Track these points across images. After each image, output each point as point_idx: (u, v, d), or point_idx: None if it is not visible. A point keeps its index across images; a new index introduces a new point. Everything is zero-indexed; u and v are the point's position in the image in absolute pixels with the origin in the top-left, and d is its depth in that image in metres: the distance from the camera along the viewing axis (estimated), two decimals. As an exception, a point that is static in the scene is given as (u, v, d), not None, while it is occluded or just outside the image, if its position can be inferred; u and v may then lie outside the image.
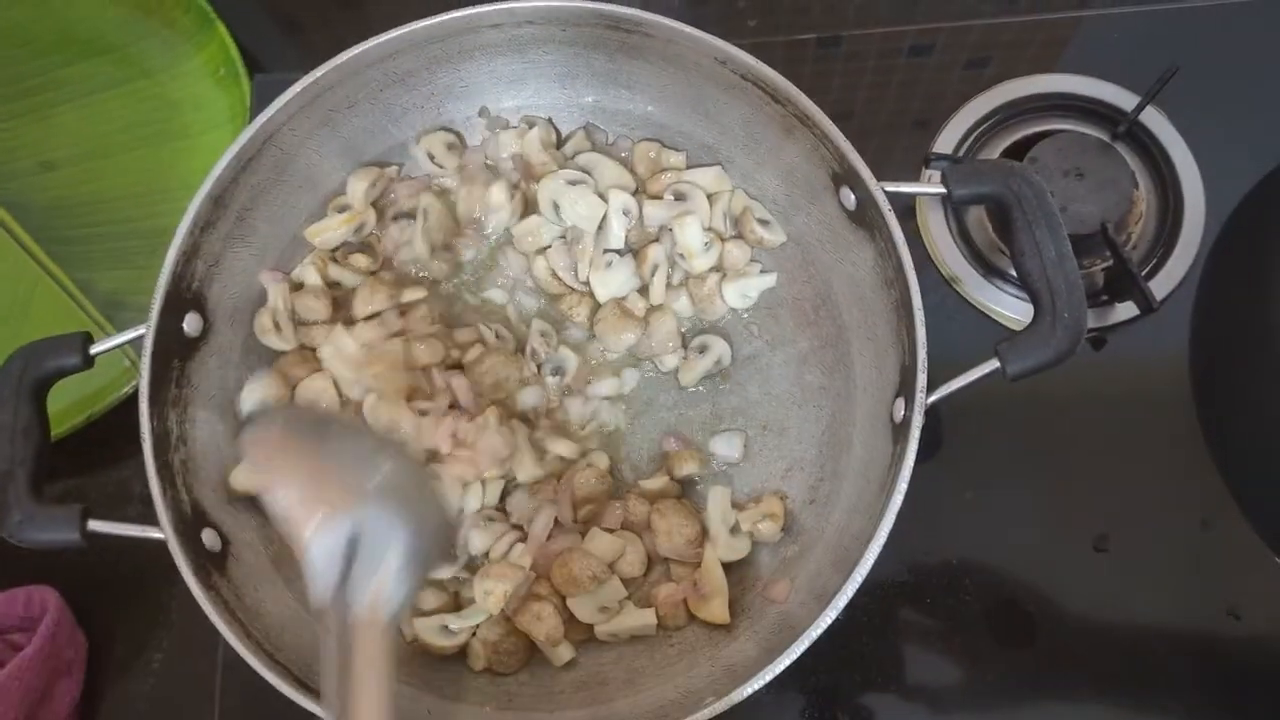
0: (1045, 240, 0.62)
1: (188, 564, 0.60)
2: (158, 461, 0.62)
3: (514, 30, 0.73)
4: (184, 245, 0.66)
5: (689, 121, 0.77)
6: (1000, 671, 0.74)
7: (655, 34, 0.70)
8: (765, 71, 0.67)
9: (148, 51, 0.93)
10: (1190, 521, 0.76)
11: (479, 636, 0.68)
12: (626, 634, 0.69)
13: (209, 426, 0.69)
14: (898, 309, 0.66)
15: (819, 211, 0.73)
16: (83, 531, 0.60)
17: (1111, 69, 0.86)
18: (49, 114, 0.92)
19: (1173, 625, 0.74)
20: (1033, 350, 0.61)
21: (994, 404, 0.78)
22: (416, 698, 0.65)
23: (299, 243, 0.75)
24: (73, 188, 0.90)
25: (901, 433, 0.62)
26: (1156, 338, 0.81)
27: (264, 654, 0.59)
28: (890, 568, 0.75)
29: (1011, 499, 0.78)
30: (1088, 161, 0.80)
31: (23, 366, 0.63)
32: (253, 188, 0.70)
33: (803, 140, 0.70)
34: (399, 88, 0.74)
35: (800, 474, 0.73)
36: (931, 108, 0.88)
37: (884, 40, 0.91)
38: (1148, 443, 0.79)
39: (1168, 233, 0.82)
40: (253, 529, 0.69)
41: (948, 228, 0.84)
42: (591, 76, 0.77)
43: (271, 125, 0.68)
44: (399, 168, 0.79)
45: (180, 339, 0.67)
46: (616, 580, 0.69)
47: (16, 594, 0.75)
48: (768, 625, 0.67)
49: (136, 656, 0.77)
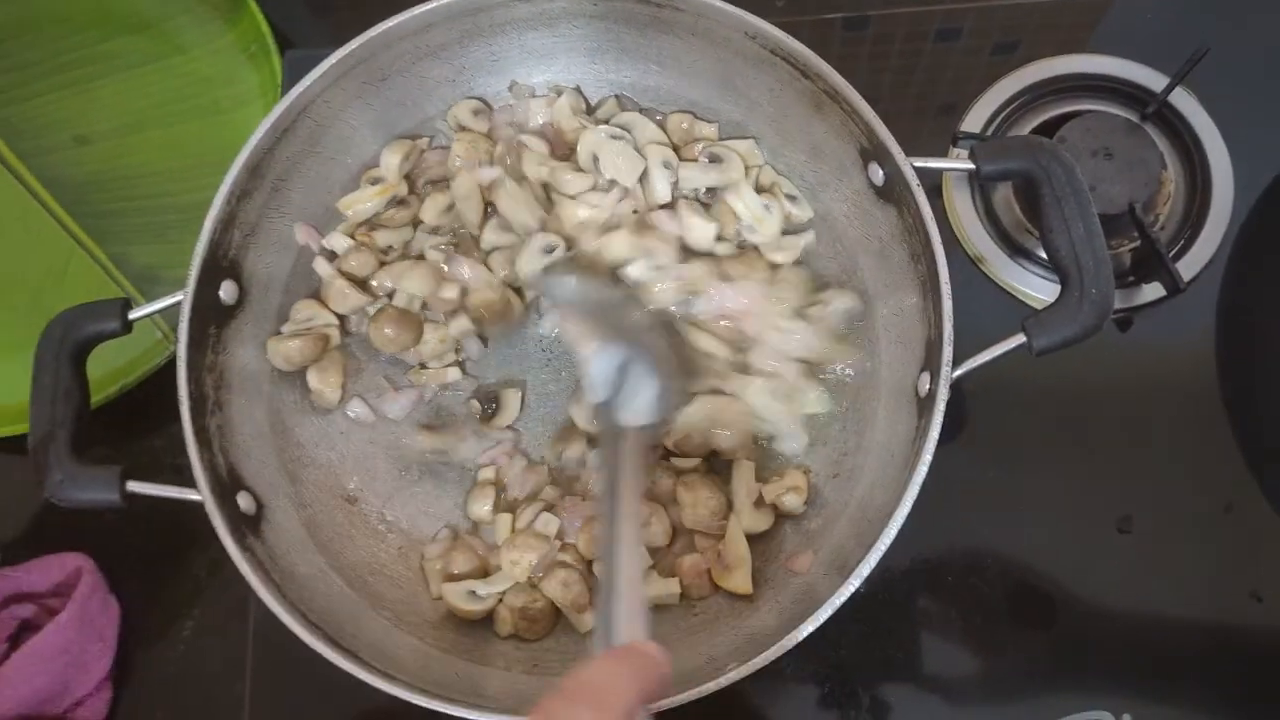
0: (1074, 216, 0.62)
1: (225, 525, 0.61)
2: (195, 425, 0.63)
3: (545, 4, 0.73)
4: (221, 214, 0.67)
5: (717, 97, 0.77)
6: (1020, 652, 0.74)
7: (685, 8, 0.71)
8: (795, 46, 0.68)
9: (182, 28, 0.94)
10: (1214, 504, 0.76)
11: (505, 603, 0.69)
12: (651, 603, 0.69)
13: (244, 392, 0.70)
14: (924, 284, 0.66)
15: (846, 187, 0.73)
16: (122, 492, 0.61)
17: (1141, 50, 0.86)
18: (85, 89, 0.93)
19: (1195, 608, 0.74)
20: (1059, 325, 0.61)
21: (1019, 385, 0.78)
22: (445, 660, 0.66)
23: (331, 213, 0.76)
24: (107, 162, 0.91)
25: (926, 406, 0.63)
26: (1183, 319, 0.81)
27: (298, 613, 0.60)
28: (912, 546, 0.75)
29: (1035, 480, 0.78)
30: (1116, 142, 0.80)
31: (63, 331, 0.64)
32: (288, 158, 0.71)
33: (831, 116, 0.70)
34: (431, 60, 0.75)
35: (824, 448, 0.73)
36: (959, 90, 0.88)
37: (911, 22, 0.91)
38: (1172, 424, 0.79)
39: (1196, 214, 0.82)
40: (286, 494, 0.70)
41: (974, 207, 0.84)
42: (620, 51, 0.77)
43: (306, 97, 0.69)
44: (429, 139, 0.79)
45: (217, 306, 0.68)
46: (642, 549, 0.69)
47: (51, 561, 0.77)
48: (790, 596, 0.67)
49: (168, 624, 0.78)
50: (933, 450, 0.60)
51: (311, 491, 0.72)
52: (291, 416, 0.74)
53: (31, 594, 0.76)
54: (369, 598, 0.69)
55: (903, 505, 0.60)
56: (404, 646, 0.67)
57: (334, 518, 0.72)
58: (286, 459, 0.72)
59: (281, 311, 0.74)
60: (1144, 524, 0.76)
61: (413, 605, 0.70)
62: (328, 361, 0.74)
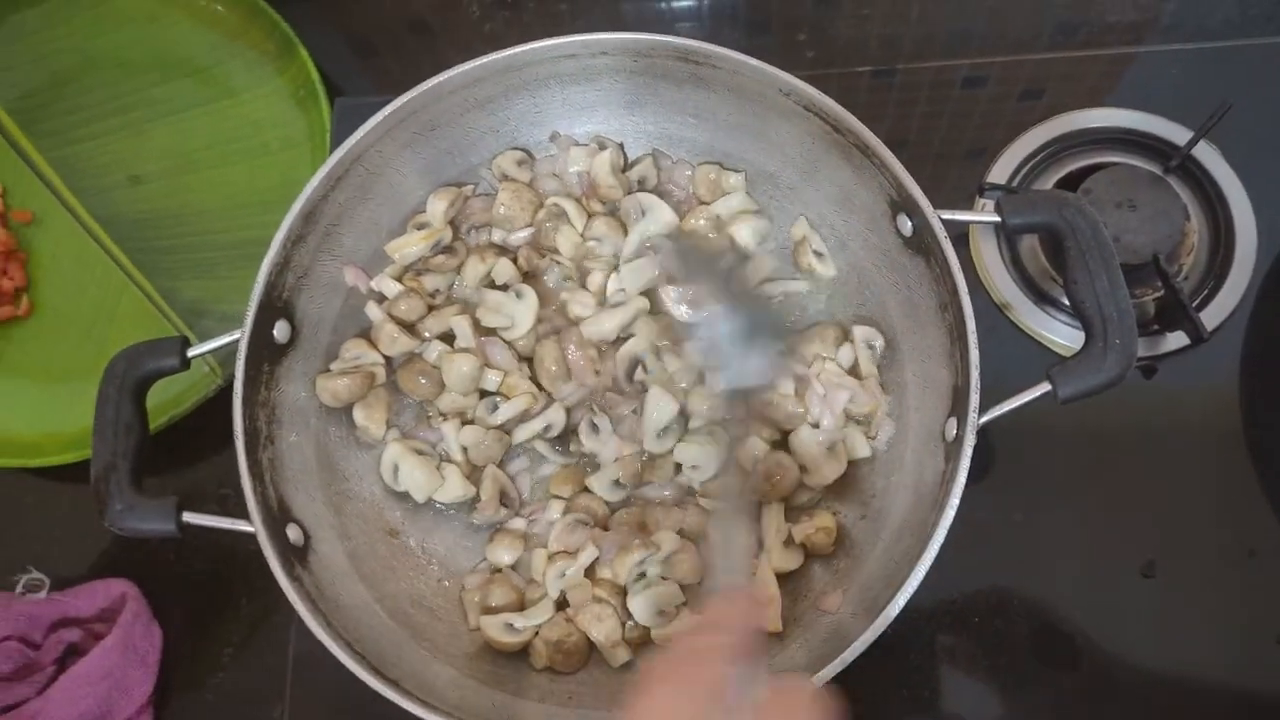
0: (1098, 269, 0.64)
1: (276, 556, 0.63)
2: (249, 459, 0.65)
3: (588, 60, 0.76)
4: (277, 258, 0.69)
5: (751, 149, 0.80)
6: (1045, 695, 0.75)
7: (722, 65, 0.73)
8: (828, 103, 0.70)
9: (233, 73, 0.98)
10: (1238, 550, 0.77)
11: (541, 636, 0.71)
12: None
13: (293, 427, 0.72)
14: (951, 331, 0.68)
15: (875, 237, 0.75)
16: (178, 522, 0.64)
17: (1164, 104, 0.88)
18: (140, 130, 0.97)
19: (1219, 653, 0.75)
20: (1084, 375, 0.63)
21: (1045, 430, 0.79)
22: (482, 691, 0.68)
23: (379, 256, 0.79)
24: (159, 201, 0.94)
25: (953, 451, 0.64)
26: (1207, 368, 0.82)
27: (344, 643, 0.62)
28: (938, 586, 0.75)
29: (1060, 524, 0.79)
30: (1140, 194, 0.82)
31: (125, 367, 0.67)
32: (340, 205, 0.74)
33: (862, 168, 0.72)
34: (478, 112, 0.78)
35: (853, 490, 0.75)
36: (985, 138, 0.90)
37: (938, 73, 0.93)
38: (1196, 471, 0.80)
39: (1219, 265, 0.84)
40: (331, 526, 0.72)
41: (1000, 255, 0.85)
42: (659, 105, 0.80)
43: (360, 146, 0.72)
44: (474, 187, 0.82)
45: (271, 345, 0.71)
46: (675, 585, 0.71)
47: (97, 586, 0.79)
48: (819, 634, 0.68)
49: (209, 651, 0.80)
50: (960, 494, 0.62)
51: (355, 524, 0.74)
52: (337, 451, 0.76)
53: (78, 619, 0.78)
54: (409, 628, 0.70)
55: (930, 547, 0.61)
56: (443, 677, 0.68)
57: (376, 550, 0.74)
58: (332, 492, 0.74)
59: (330, 350, 0.77)
60: (1168, 569, 0.77)
61: (452, 637, 0.72)
62: (373, 398, 0.76)
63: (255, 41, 0.98)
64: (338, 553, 0.71)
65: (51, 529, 0.85)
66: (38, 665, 0.76)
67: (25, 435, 0.86)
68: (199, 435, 0.83)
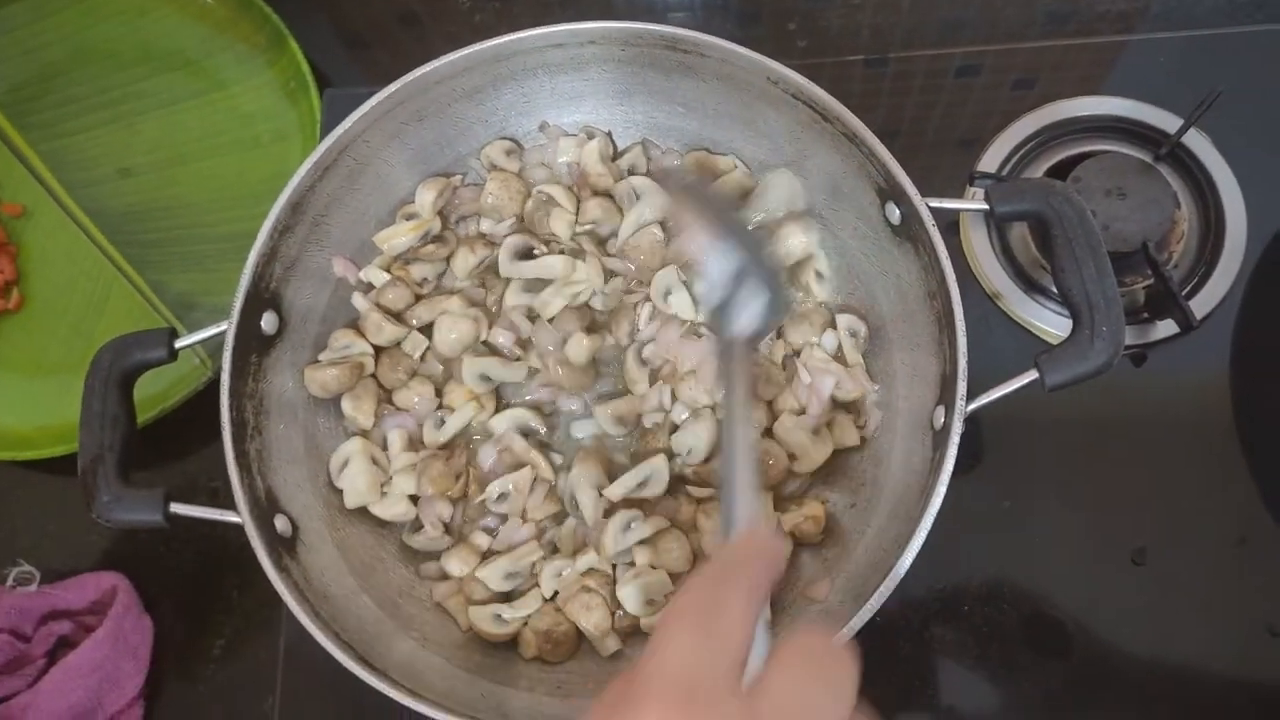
0: (1084, 257, 0.64)
1: (263, 547, 0.63)
2: (236, 450, 0.65)
3: (576, 49, 0.76)
4: (264, 248, 0.69)
5: (740, 137, 0.80)
6: (1036, 683, 0.75)
7: (711, 54, 0.73)
8: (816, 92, 0.70)
9: (223, 65, 0.98)
10: (1228, 538, 0.77)
11: (530, 626, 0.71)
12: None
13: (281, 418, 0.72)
14: (939, 320, 0.68)
15: (864, 225, 0.75)
16: (165, 514, 0.64)
17: (1155, 92, 0.87)
18: (129, 123, 0.97)
19: (1210, 641, 0.75)
20: (1071, 362, 0.63)
21: (1034, 420, 0.79)
22: (471, 681, 0.68)
23: (368, 246, 0.79)
24: (149, 194, 0.94)
25: (941, 439, 0.64)
26: (1196, 356, 0.82)
27: (332, 633, 0.62)
28: (928, 575, 0.77)
29: (1049, 512, 0.79)
30: (1130, 182, 0.82)
31: (112, 359, 0.66)
32: (328, 195, 0.74)
33: (850, 157, 0.72)
34: (466, 102, 0.78)
35: (842, 478, 0.75)
36: (977, 127, 0.89)
37: (931, 61, 0.93)
38: (1186, 459, 0.79)
39: (1209, 253, 0.84)
40: (319, 517, 0.72)
41: (990, 245, 0.85)
42: (647, 94, 0.80)
43: (348, 136, 0.72)
44: (462, 177, 0.82)
45: (258, 336, 0.71)
46: (664, 574, 0.71)
47: (87, 579, 0.79)
48: (807, 622, 0.68)
49: (199, 642, 0.80)
50: (947, 482, 0.62)
51: (343, 515, 0.74)
52: (326, 442, 0.76)
53: (69, 611, 0.78)
54: (398, 619, 0.70)
55: (918, 535, 0.61)
56: (431, 667, 0.68)
57: (365, 540, 0.74)
58: (320, 483, 0.74)
59: (318, 340, 0.77)
60: (1158, 556, 0.77)
61: (440, 626, 0.72)
62: (361, 389, 0.76)
63: (245, 34, 0.98)
64: (326, 544, 0.70)
65: (42, 522, 0.85)
66: (28, 658, 0.76)
67: (15, 428, 0.86)
68: (190, 428, 0.83)
